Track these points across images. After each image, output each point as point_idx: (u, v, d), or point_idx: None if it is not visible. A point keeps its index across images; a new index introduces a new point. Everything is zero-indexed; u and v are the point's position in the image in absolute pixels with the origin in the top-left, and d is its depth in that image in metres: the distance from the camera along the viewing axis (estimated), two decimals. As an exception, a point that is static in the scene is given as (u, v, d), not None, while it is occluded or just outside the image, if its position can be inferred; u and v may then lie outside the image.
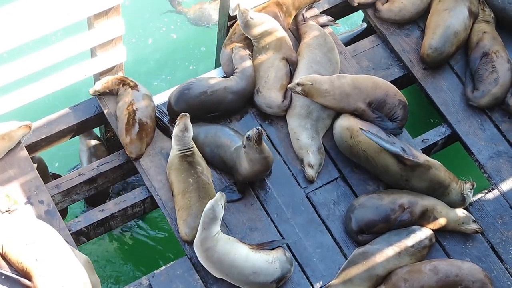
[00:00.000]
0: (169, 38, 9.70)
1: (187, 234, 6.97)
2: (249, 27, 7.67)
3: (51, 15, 6.69)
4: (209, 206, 6.69)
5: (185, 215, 6.98)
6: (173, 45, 9.67)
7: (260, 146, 6.95)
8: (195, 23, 9.77)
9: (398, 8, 8.20)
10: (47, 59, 7.06)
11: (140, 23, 9.70)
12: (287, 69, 7.65)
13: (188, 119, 7.04)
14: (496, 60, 7.91)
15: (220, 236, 6.77)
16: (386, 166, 7.28)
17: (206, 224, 6.70)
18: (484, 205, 7.55)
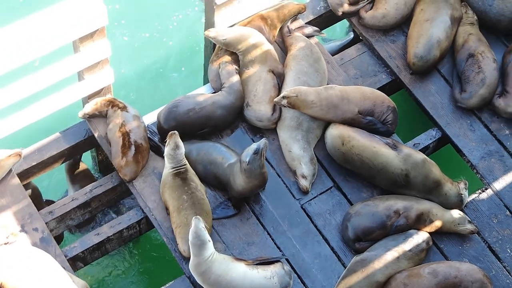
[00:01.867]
0: (156, 57, 9.76)
1: (186, 251, 7.03)
2: (228, 45, 7.87)
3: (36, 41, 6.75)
4: (193, 235, 6.68)
5: (183, 233, 7.04)
6: (161, 64, 9.74)
7: (263, 159, 7.05)
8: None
9: (381, 14, 8.32)
10: (34, 85, 7.14)
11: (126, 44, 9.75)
12: (275, 82, 7.76)
13: (177, 136, 7.11)
14: (482, 60, 8.02)
15: (215, 257, 6.81)
16: (385, 163, 7.38)
17: (196, 251, 6.74)
18: (479, 205, 7.64)
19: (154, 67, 9.71)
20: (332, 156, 7.59)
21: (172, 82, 9.59)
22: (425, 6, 8.27)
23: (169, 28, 9.95)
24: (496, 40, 8.40)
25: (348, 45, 8.76)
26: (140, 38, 9.86)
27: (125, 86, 9.25)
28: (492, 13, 8.30)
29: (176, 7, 10.04)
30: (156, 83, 9.60)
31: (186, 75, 9.63)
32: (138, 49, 9.79)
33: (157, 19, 9.97)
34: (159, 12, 10.02)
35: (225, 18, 7.94)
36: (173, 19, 9.99)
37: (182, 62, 9.74)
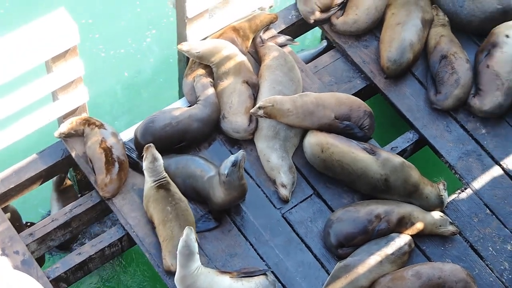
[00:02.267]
0: (130, 73, 9.77)
1: (173, 264, 7.03)
2: (202, 58, 7.92)
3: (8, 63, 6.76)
4: (183, 244, 6.69)
5: (170, 246, 7.06)
6: (135, 79, 9.74)
7: (242, 171, 7.08)
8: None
9: (352, 20, 8.38)
10: (8, 107, 7.12)
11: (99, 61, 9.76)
12: (250, 92, 7.80)
13: (154, 148, 7.15)
14: (455, 61, 8.10)
15: (200, 270, 6.82)
16: (364, 168, 7.43)
17: (184, 261, 6.75)
18: (459, 205, 7.71)
19: (128, 83, 9.71)
20: (312, 164, 7.64)
21: (147, 97, 9.60)
22: (396, 10, 8.35)
23: (141, 43, 9.96)
24: (468, 40, 8.50)
25: (322, 53, 8.80)
26: (112, 54, 9.86)
27: (100, 104, 9.24)
28: (463, 14, 8.39)
29: (148, 21, 10.05)
30: (131, 99, 9.60)
31: (161, 89, 9.64)
32: (111, 65, 9.79)
33: (129, 34, 9.98)
34: (130, 27, 10.03)
35: (197, 31, 7.98)
36: (146, 34, 10.01)
37: (156, 77, 9.75)
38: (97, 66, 9.64)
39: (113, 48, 9.89)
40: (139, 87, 9.69)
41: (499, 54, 8.07)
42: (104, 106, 9.39)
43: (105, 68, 9.75)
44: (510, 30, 8.21)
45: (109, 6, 10.15)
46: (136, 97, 9.61)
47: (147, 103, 9.51)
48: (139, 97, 9.60)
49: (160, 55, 9.85)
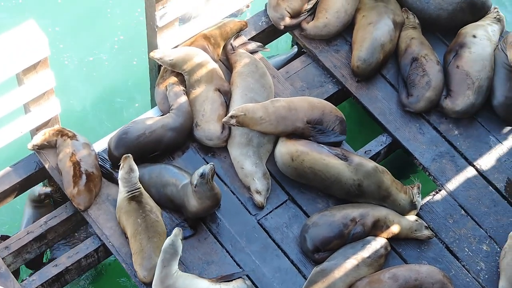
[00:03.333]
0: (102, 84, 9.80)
1: (146, 276, 7.11)
2: (174, 66, 7.97)
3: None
4: (169, 242, 6.84)
5: (140, 259, 7.13)
6: (107, 90, 9.77)
7: (212, 182, 7.13)
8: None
9: (323, 23, 8.47)
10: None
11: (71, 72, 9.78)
12: (222, 100, 7.87)
13: (131, 159, 7.23)
14: (426, 63, 8.21)
15: (179, 273, 6.92)
16: (337, 174, 7.51)
17: (167, 261, 6.86)
18: (434, 207, 7.81)
19: (100, 93, 9.75)
20: (285, 173, 7.73)
21: (119, 107, 9.63)
22: (367, 13, 8.48)
23: (112, 53, 10.00)
24: (438, 42, 8.63)
25: (293, 59, 8.88)
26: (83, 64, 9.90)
27: (72, 115, 9.27)
28: (431, 9, 8.52)
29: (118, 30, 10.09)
30: (104, 110, 9.63)
31: (133, 99, 9.67)
32: (82, 76, 9.82)
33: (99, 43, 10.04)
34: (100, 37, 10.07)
35: (168, 40, 8.05)
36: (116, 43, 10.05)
37: (128, 87, 9.78)
38: (68, 77, 9.67)
39: (84, 58, 9.94)
40: (111, 97, 9.72)
41: (468, 54, 8.19)
42: (76, 117, 9.42)
43: (76, 79, 9.78)
44: (477, 30, 8.37)
45: (78, 16, 10.20)
46: (108, 107, 9.64)
47: (120, 113, 9.54)
48: (111, 107, 9.63)
49: (131, 64, 9.89)
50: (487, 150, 8.10)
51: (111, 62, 9.94)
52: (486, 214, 7.78)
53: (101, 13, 10.22)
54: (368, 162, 7.58)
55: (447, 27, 8.58)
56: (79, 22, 10.14)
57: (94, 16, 10.19)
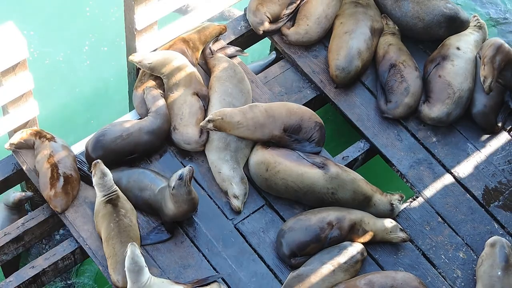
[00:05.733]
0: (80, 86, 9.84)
1: (119, 280, 7.21)
2: (153, 69, 8.05)
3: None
4: (130, 261, 6.87)
5: (113, 263, 7.23)
6: (85, 92, 9.82)
7: (190, 186, 7.21)
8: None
9: (304, 30, 8.57)
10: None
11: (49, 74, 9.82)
12: (200, 104, 7.97)
13: (101, 164, 7.30)
14: (404, 69, 8.32)
15: (152, 281, 6.99)
16: (311, 184, 7.61)
17: (134, 277, 6.91)
18: (411, 213, 7.91)
19: (78, 96, 9.79)
20: (256, 182, 7.83)
21: (97, 110, 9.69)
22: (345, 20, 8.58)
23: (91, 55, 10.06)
24: (417, 49, 8.77)
25: (272, 64, 8.99)
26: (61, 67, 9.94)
27: (50, 117, 9.31)
28: (408, 17, 8.63)
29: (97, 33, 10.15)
30: (82, 113, 9.69)
31: (111, 102, 9.72)
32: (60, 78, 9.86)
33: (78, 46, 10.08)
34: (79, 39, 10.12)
35: (147, 43, 8.14)
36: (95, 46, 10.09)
37: (106, 89, 9.84)
38: (47, 79, 9.70)
39: (62, 61, 9.98)
40: (89, 100, 9.76)
41: (450, 66, 8.32)
42: (54, 119, 9.45)
43: (55, 81, 9.82)
44: (461, 42, 8.49)
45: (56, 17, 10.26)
46: (86, 110, 9.69)
47: (98, 116, 9.59)
48: (89, 110, 9.68)
49: (110, 67, 9.94)
50: (465, 158, 8.24)
51: (90, 65, 10.00)
52: (463, 222, 7.91)
53: (80, 15, 10.31)
54: (344, 171, 7.69)
55: (422, 38, 8.74)
56: (58, 24, 10.23)
57: (73, 18, 10.28)
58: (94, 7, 10.34)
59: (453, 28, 8.61)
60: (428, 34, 8.66)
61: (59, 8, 10.31)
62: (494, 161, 8.25)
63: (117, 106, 9.48)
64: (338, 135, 9.02)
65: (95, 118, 9.57)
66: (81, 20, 10.27)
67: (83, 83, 9.90)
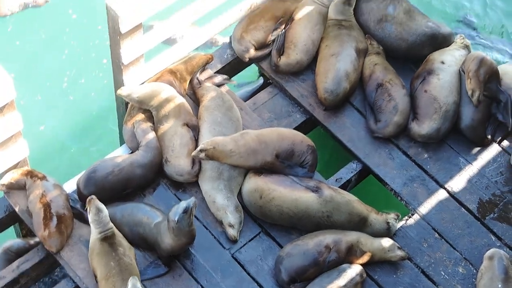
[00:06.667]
0: (69, 124, 9.81)
1: None
2: (142, 102, 8.03)
3: None
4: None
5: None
6: (74, 129, 9.79)
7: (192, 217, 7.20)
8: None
9: (295, 60, 8.63)
10: None
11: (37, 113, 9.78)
12: (191, 134, 7.95)
13: (96, 200, 7.24)
14: (391, 88, 8.36)
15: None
16: (306, 209, 7.60)
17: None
18: (407, 231, 7.91)
19: (68, 133, 9.76)
20: (250, 210, 7.81)
21: (88, 146, 9.67)
22: (330, 42, 8.62)
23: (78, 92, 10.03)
24: (403, 66, 8.80)
25: (259, 90, 9.00)
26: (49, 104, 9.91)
27: (41, 156, 9.27)
28: (391, 37, 8.69)
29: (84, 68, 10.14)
30: (72, 150, 9.65)
31: (101, 137, 9.69)
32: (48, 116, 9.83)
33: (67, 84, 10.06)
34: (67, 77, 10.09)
35: (134, 77, 8.12)
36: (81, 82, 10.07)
37: (95, 125, 9.82)
38: (35, 118, 9.67)
39: (51, 98, 9.95)
40: (79, 136, 9.74)
41: (436, 80, 8.36)
42: (45, 158, 9.43)
43: (44, 119, 9.79)
44: (445, 56, 8.55)
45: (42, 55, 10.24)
46: (77, 147, 9.66)
47: (88, 153, 9.56)
48: (80, 147, 9.65)
49: (99, 102, 9.92)
50: (457, 172, 8.26)
51: (78, 101, 9.98)
52: (460, 236, 7.92)
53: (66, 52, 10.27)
54: (338, 194, 7.69)
55: (407, 57, 8.80)
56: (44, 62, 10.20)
57: (59, 55, 10.24)
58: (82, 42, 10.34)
59: (436, 44, 8.70)
60: (412, 54, 8.74)
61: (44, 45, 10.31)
62: (487, 173, 8.27)
63: (107, 142, 9.46)
64: (330, 157, 9.04)
65: (86, 155, 9.53)
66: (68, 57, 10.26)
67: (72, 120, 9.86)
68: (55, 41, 10.35)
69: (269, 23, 8.75)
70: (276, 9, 8.84)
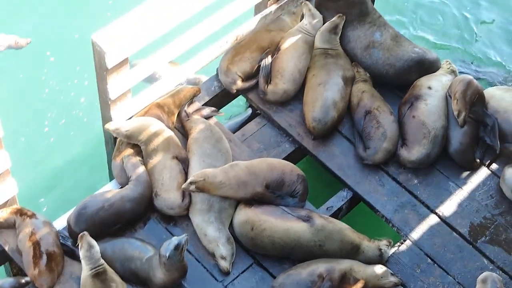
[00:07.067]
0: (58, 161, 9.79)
1: None
2: (130, 137, 8.02)
3: None
4: None
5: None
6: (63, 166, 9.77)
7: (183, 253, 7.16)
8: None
9: (282, 90, 8.64)
10: None
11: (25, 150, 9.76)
12: (180, 167, 7.94)
13: (88, 236, 7.20)
14: (379, 115, 8.39)
15: None
16: (298, 238, 7.57)
17: None
18: (400, 257, 7.90)
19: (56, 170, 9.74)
20: (242, 242, 7.78)
21: (77, 182, 9.63)
22: (316, 71, 8.64)
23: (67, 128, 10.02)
24: (390, 93, 8.84)
25: (248, 121, 9.00)
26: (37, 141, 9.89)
27: (30, 193, 9.24)
28: (379, 64, 8.74)
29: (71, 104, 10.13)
30: (61, 186, 9.61)
31: (91, 173, 9.67)
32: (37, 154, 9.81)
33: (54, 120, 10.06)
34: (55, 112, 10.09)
35: (122, 112, 8.11)
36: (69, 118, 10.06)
37: (85, 161, 9.79)
38: (23, 155, 9.64)
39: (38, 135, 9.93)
40: (68, 173, 9.72)
41: (423, 105, 8.39)
42: (34, 195, 9.40)
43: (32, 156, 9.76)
44: (432, 81, 8.60)
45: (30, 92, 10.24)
46: (66, 184, 9.63)
47: (78, 189, 9.52)
48: (69, 183, 9.62)
49: (87, 138, 9.90)
50: (447, 197, 8.27)
51: (66, 137, 9.95)
52: (453, 261, 7.91)
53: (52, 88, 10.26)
54: (329, 222, 7.68)
55: (395, 83, 8.83)
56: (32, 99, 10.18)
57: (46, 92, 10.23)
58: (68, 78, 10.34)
59: (423, 70, 8.76)
60: (400, 80, 8.78)
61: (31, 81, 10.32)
62: (477, 197, 8.28)
63: (97, 177, 9.43)
64: (320, 186, 9.03)
65: (75, 192, 9.49)
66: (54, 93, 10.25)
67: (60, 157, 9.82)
68: (35, 81, 10.37)
69: (255, 53, 8.81)
70: (262, 39, 8.91)
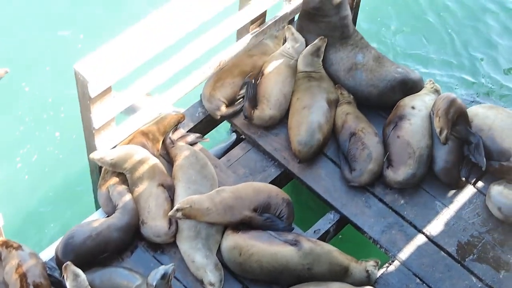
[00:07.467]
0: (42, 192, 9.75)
1: None
2: (115, 166, 8.01)
3: None
4: None
5: None
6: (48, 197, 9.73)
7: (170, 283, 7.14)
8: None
9: (268, 116, 8.68)
10: None
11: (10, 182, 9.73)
12: (166, 195, 7.92)
13: (72, 265, 7.18)
14: (364, 137, 8.41)
15: None
16: (286, 262, 7.55)
17: None
18: (389, 278, 7.90)
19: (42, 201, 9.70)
20: (230, 268, 7.75)
21: (63, 213, 9.59)
22: (301, 95, 8.67)
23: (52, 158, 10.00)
24: (374, 114, 8.87)
25: (233, 146, 9.00)
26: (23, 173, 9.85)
27: (15, 225, 9.20)
28: (362, 85, 8.78)
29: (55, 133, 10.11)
30: (47, 217, 9.57)
31: (76, 203, 9.63)
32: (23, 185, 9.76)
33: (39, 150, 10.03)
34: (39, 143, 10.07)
35: (106, 141, 8.09)
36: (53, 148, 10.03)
37: (70, 191, 9.76)
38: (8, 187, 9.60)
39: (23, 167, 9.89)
40: (53, 203, 9.68)
41: (408, 125, 8.42)
42: (20, 227, 9.36)
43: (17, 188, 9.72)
44: (415, 101, 8.64)
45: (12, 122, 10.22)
46: (52, 214, 9.59)
47: (64, 219, 9.48)
48: (55, 214, 9.58)
49: (72, 167, 9.87)
50: (434, 216, 8.28)
51: (51, 167, 9.92)
52: (441, 280, 7.90)
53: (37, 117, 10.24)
54: (317, 246, 7.66)
55: (378, 104, 8.85)
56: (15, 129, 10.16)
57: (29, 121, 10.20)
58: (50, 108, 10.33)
59: (406, 90, 8.80)
60: (384, 100, 8.81)
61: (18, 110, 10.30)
62: (464, 215, 8.29)
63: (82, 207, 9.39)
64: (307, 209, 9.04)
65: (61, 222, 9.46)
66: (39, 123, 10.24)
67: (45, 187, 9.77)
68: (9, 114, 10.36)
69: (237, 78, 8.84)
70: (244, 64, 8.94)
